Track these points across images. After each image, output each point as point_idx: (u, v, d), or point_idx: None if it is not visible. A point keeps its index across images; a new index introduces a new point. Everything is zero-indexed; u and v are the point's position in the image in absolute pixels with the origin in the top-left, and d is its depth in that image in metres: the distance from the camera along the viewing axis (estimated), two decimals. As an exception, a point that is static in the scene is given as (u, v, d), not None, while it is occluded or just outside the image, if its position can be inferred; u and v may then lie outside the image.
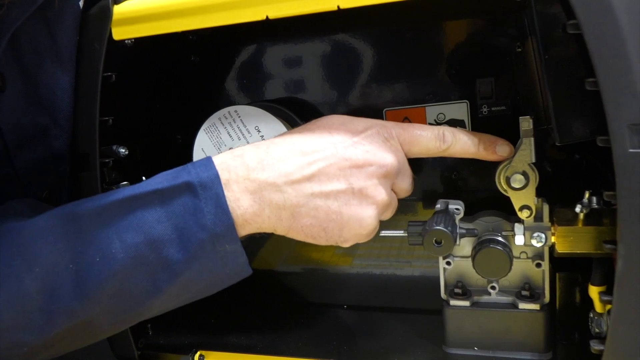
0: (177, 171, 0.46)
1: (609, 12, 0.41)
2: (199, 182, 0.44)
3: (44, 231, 0.44)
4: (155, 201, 0.44)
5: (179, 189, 0.44)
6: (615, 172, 0.42)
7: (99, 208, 0.45)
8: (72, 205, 0.46)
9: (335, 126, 0.48)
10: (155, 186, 0.45)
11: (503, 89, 0.58)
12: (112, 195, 0.45)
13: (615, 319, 0.45)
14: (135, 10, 0.53)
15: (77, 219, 0.44)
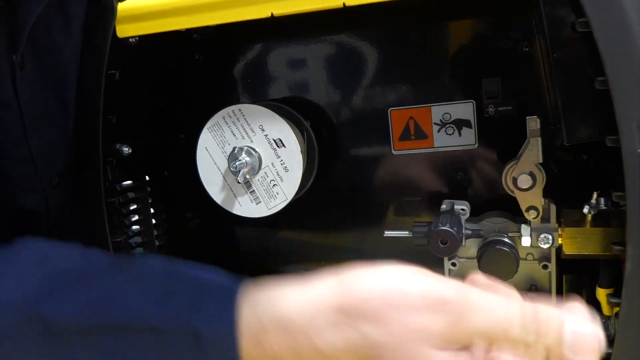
0: (191, 301, 0.37)
1: (619, 9, 0.41)
2: (206, 335, 0.36)
3: (13, 334, 0.37)
4: (148, 342, 0.37)
5: (180, 335, 0.36)
6: (625, 173, 0.42)
7: (81, 326, 0.37)
8: (47, 303, 0.38)
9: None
10: (152, 321, 0.37)
11: (510, 89, 0.57)
12: (99, 308, 0.38)
13: (624, 321, 0.44)
14: (139, 7, 0.53)
15: (52, 330, 0.37)
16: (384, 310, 0.34)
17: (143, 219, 0.67)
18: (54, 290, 0.38)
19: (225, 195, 0.59)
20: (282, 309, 0.36)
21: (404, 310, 0.34)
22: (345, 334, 0.34)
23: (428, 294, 0.34)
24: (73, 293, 0.38)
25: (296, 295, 0.37)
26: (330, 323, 0.35)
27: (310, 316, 0.35)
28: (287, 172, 0.57)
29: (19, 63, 0.51)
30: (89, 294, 0.38)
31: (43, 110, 0.55)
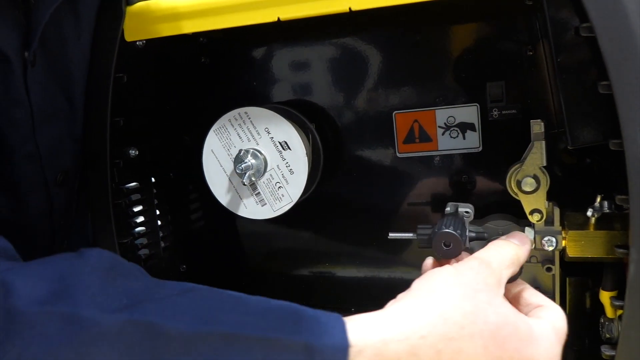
0: (301, 319, 0.37)
1: (622, 14, 0.41)
2: (320, 349, 0.35)
3: (113, 337, 0.35)
4: (258, 352, 0.36)
5: (291, 348, 0.36)
6: (628, 176, 0.42)
7: (187, 335, 0.35)
8: (157, 312, 0.37)
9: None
10: (264, 330, 0.36)
11: (514, 93, 0.58)
12: (206, 320, 0.37)
13: (627, 324, 0.44)
14: (147, 11, 0.53)
15: (157, 337, 0.35)
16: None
17: (149, 220, 0.68)
18: (152, 299, 0.38)
19: (231, 198, 0.59)
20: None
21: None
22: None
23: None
24: (174, 303, 0.38)
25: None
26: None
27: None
28: (292, 174, 0.57)
29: (31, 60, 0.52)
30: (192, 309, 0.37)
31: (51, 107, 0.56)
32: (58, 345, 0.34)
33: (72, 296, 0.36)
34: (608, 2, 0.41)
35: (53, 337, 0.34)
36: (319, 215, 0.67)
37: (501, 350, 0.39)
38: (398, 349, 0.37)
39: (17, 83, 0.51)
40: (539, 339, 0.41)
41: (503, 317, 0.41)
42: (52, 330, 0.34)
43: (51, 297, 0.35)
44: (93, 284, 0.37)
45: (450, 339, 0.39)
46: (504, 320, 0.41)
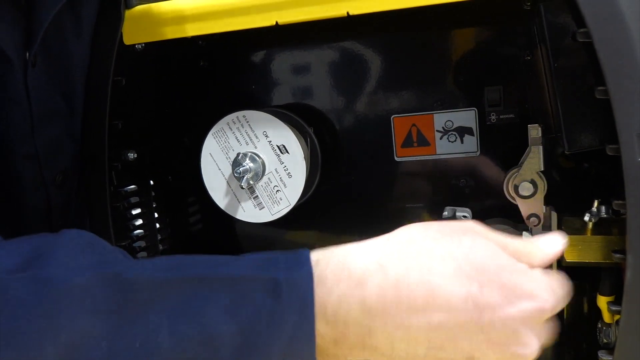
0: (266, 259, 0.38)
1: (619, 20, 0.41)
2: (286, 279, 0.36)
3: (81, 292, 0.35)
4: (224, 291, 0.36)
5: (256, 282, 0.36)
6: (625, 182, 0.42)
7: (154, 281, 0.36)
8: (122, 265, 0.38)
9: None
10: (228, 272, 0.37)
11: (512, 97, 0.58)
12: (172, 268, 0.38)
13: (624, 329, 0.44)
14: (145, 15, 0.53)
15: (124, 287, 0.36)
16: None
17: (147, 223, 0.68)
18: (120, 261, 0.39)
19: (229, 201, 0.59)
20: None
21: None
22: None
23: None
24: (142, 261, 0.39)
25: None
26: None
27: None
28: (290, 178, 0.57)
29: (32, 60, 0.52)
30: (158, 261, 0.39)
31: (50, 108, 0.56)
32: (28, 307, 0.34)
33: (42, 262, 0.37)
34: (605, 8, 0.41)
35: (24, 299, 0.34)
36: (317, 219, 0.67)
37: (478, 272, 0.37)
38: (364, 259, 0.38)
39: (17, 83, 0.51)
40: (528, 273, 0.39)
41: (482, 244, 0.39)
42: (23, 293, 0.35)
43: (24, 265, 0.36)
44: (65, 252, 0.38)
45: (418, 255, 0.37)
46: (482, 246, 0.39)
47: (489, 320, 0.36)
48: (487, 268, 0.37)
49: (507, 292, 0.37)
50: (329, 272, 0.37)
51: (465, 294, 0.36)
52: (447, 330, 0.36)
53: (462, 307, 0.36)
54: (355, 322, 0.36)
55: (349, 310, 0.36)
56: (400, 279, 0.36)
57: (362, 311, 0.36)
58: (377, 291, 0.36)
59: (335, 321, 0.36)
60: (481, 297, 0.36)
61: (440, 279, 0.37)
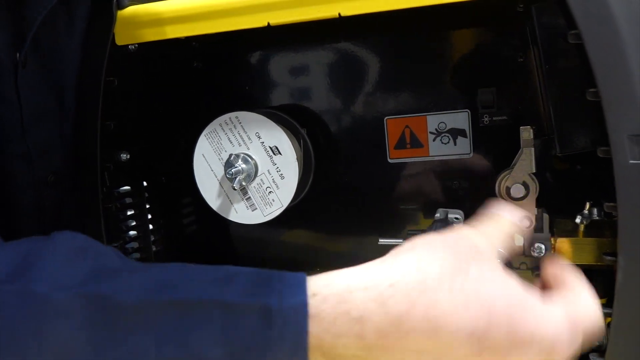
0: (259, 281, 0.36)
1: (610, 22, 0.41)
2: (279, 309, 0.34)
3: (66, 312, 0.35)
4: (215, 316, 0.35)
5: (248, 310, 0.35)
6: (616, 184, 0.42)
7: (142, 304, 0.35)
8: (110, 283, 0.36)
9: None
10: (221, 295, 0.35)
11: (505, 99, 0.58)
12: (162, 288, 0.36)
13: (615, 331, 0.44)
14: (138, 16, 0.53)
15: (111, 309, 0.35)
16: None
17: (140, 224, 0.68)
18: (109, 275, 0.37)
19: (222, 202, 0.59)
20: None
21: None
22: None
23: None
24: (130, 277, 0.37)
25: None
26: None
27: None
28: (282, 179, 0.57)
29: (22, 61, 0.52)
30: (148, 277, 0.37)
31: (41, 109, 0.56)
32: (16, 321, 0.34)
33: (29, 273, 0.36)
34: (596, 9, 0.41)
35: (11, 313, 0.34)
36: (311, 220, 0.67)
37: (486, 309, 0.34)
38: (365, 297, 0.35)
39: (7, 83, 0.51)
40: (541, 311, 0.36)
41: (490, 276, 0.36)
42: (10, 307, 0.34)
43: (11, 276, 0.36)
44: (53, 262, 0.37)
45: (424, 289, 0.35)
46: (491, 277, 0.36)
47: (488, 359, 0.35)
48: (496, 306, 0.35)
49: (514, 336, 0.34)
50: (326, 308, 0.35)
51: (470, 331, 0.34)
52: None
53: (464, 346, 0.34)
54: (352, 355, 0.35)
55: (346, 346, 0.35)
56: (403, 317, 0.34)
57: (361, 348, 0.35)
58: (376, 330, 0.35)
59: (331, 355, 0.35)
60: (485, 337, 0.34)
61: (445, 316, 0.34)
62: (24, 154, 0.55)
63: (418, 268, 0.36)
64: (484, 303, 0.35)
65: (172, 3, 0.53)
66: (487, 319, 0.34)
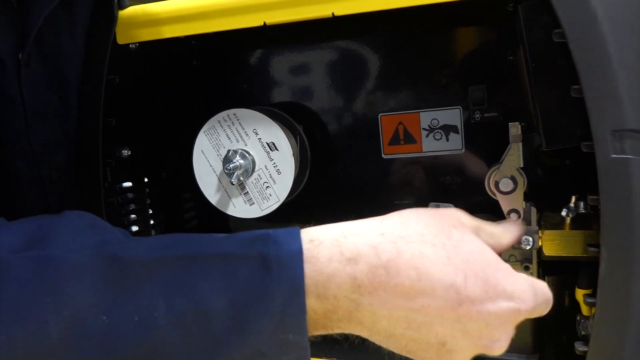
0: (256, 236, 0.39)
1: (593, 21, 0.43)
2: (276, 256, 0.37)
3: (81, 270, 0.37)
4: (216, 267, 0.38)
5: (247, 259, 0.37)
6: (598, 177, 0.44)
7: (150, 260, 0.38)
8: (119, 245, 0.40)
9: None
10: (220, 249, 0.39)
11: (495, 96, 0.59)
12: (167, 247, 0.39)
13: (598, 321, 0.46)
14: (138, 15, 0.55)
15: (121, 266, 0.38)
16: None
17: (141, 218, 0.69)
18: (116, 242, 0.41)
19: (220, 197, 0.61)
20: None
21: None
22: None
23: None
24: (136, 241, 0.40)
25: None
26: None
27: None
28: (279, 174, 0.59)
29: (25, 61, 0.53)
30: (153, 240, 0.41)
31: (45, 107, 0.57)
32: (32, 284, 0.36)
33: (44, 242, 0.39)
34: (579, 10, 0.43)
35: (27, 278, 0.36)
36: (308, 215, 0.68)
37: (465, 264, 0.38)
38: (357, 241, 0.39)
39: (10, 83, 0.53)
40: (511, 274, 0.40)
41: (469, 239, 0.41)
42: (26, 272, 0.37)
43: (26, 245, 0.38)
44: (66, 233, 0.40)
45: (410, 241, 0.39)
46: (470, 241, 0.40)
47: (466, 312, 0.38)
48: (473, 262, 0.39)
49: (489, 288, 0.38)
50: (321, 251, 0.38)
51: (449, 282, 0.38)
52: (426, 315, 0.38)
53: (444, 295, 0.38)
54: (345, 297, 0.38)
55: (339, 286, 0.38)
56: (391, 261, 0.38)
57: (352, 287, 0.38)
58: (367, 270, 0.38)
59: (325, 296, 0.38)
60: (464, 288, 0.38)
61: (429, 264, 0.38)
62: (27, 151, 0.56)
63: (404, 224, 0.40)
64: (463, 259, 0.39)
65: (171, 3, 0.55)
66: (465, 274, 0.38)
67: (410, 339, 0.39)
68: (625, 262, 0.44)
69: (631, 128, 0.43)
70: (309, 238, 0.39)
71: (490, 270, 0.39)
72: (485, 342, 0.39)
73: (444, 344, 0.39)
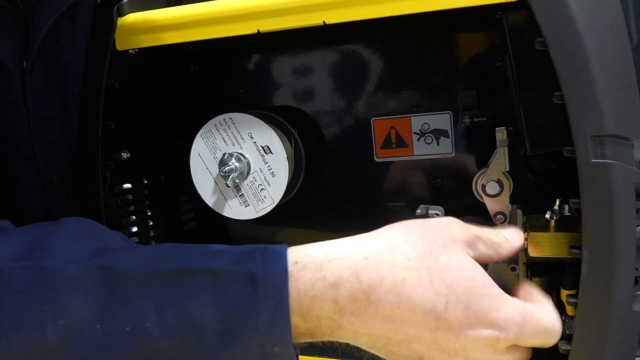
0: (244, 252, 0.41)
1: (574, 31, 0.44)
2: (262, 274, 0.39)
3: (77, 281, 0.39)
4: (207, 282, 0.39)
5: (236, 276, 0.39)
6: (580, 181, 0.45)
7: (143, 272, 0.40)
8: (113, 256, 0.41)
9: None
10: (211, 265, 0.40)
11: (484, 101, 0.60)
12: (160, 260, 0.41)
13: (580, 320, 0.47)
14: (137, 23, 0.57)
15: (115, 277, 0.40)
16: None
17: (140, 220, 0.71)
18: (113, 251, 0.42)
19: (217, 199, 0.62)
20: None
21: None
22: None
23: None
24: (132, 252, 0.42)
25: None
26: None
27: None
28: (274, 177, 0.60)
29: (29, 69, 0.55)
30: (147, 251, 0.42)
31: (48, 113, 0.59)
32: (30, 294, 0.38)
33: (42, 252, 0.40)
34: (560, 19, 0.44)
35: (26, 287, 0.38)
36: (303, 217, 0.70)
37: (448, 290, 0.39)
38: (340, 266, 0.40)
39: (14, 90, 0.54)
40: (499, 300, 0.40)
41: (458, 262, 0.40)
42: (25, 281, 0.39)
43: (25, 254, 0.40)
44: (62, 242, 0.42)
45: (394, 265, 0.39)
46: (458, 265, 0.40)
47: (443, 335, 0.39)
48: (457, 287, 0.39)
49: (470, 314, 0.39)
50: (305, 274, 0.40)
51: (429, 307, 0.39)
52: (405, 335, 0.40)
53: (422, 320, 0.39)
54: (327, 317, 0.40)
55: (322, 308, 0.39)
56: (372, 287, 0.39)
57: (334, 310, 0.39)
58: (348, 295, 0.39)
59: (309, 316, 0.40)
60: (444, 313, 0.39)
61: (410, 290, 0.39)
62: (30, 156, 0.58)
63: (391, 246, 0.41)
64: (446, 284, 0.39)
65: (168, 11, 0.56)
66: (447, 299, 0.39)
67: (390, 352, 0.41)
68: (605, 264, 0.45)
69: (611, 133, 0.44)
70: (294, 260, 0.40)
71: (474, 296, 0.40)
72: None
73: (422, 359, 0.41)
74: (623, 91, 0.45)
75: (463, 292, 0.39)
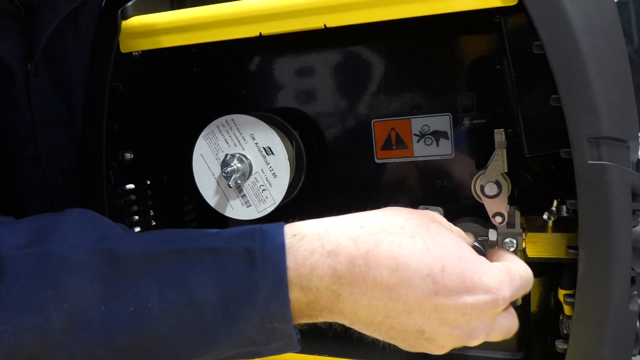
0: (243, 231, 0.42)
1: (570, 34, 0.45)
2: (260, 250, 0.40)
3: (80, 265, 0.40)
4: (206, 261, 0.40)
5: (235, 253, 0.40)
6: (576, 182, 0.46)
7: (144, 255, 0.41)
8: (115, 241, 0.42)
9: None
10: (210, 243, 0.41)
11: (483, 103, 0.61)
12: (161, 242, 0.42)
13: (577, 319, 0.48)
14: (141, 25, 0.57)
15: (117, 260, 0.40)
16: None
17: (143, 220, 0.71)
18: (115, 237, 0.43)
19: (219, 199, 0.63)
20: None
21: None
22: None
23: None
24: (133, 236, 0.43)
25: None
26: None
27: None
28: (275, 178, 0.61)
29: (33, 70, 0.56)
30: (148, 235, 0.43)
31: (52, 114, 0.59)
32: (35, 279, 0.39)
33: (46, 240, 0.41)
34: (557, 23, 0.45)
35: (31, 273, 0.39)
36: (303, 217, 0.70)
37: (444, 255, 0.40)
38: (338, 234, 0.41)
39: (18, 92, 0.55)
40: (487, 265, 0.42)
41: (447, 232, 0.42)
42: (30, 267, 0.40)
43: (30, 242, 0.41)
44: (67, 230, 0.43)
45: (389, 233, 0.40)
46: (448, 235, 0.42)
47: (443, 302, 0.40)
48: (451, 254, 0.41)
49: (466, 279, 0.40)
50: (303, 245, 0.40)
51: (427, 272, 0.40)
52: (404, 304, 0.40)
53: (421, 284, 0.40)
54: (326, 288, 0.40)
55: (321, 278, 0.40)
56: (370, 252, 0.40)
57: (333, 278, 0.40)
58: (347, 262, 0.40)
59: (308, 287, 0.40)
60: (441, 278, 0.40)
61: (407, 255, 0.40)
62: (34, 157, 0.58)
63: (385, 217, 0.43)
64: (441, 251, 0.40)
65: (172, 14, 0.57)
66: (442, 265, 0.40)
67: (390, 327, 0.41)
68: (602, 264, 0.46)
69: (607, 135, 0.45)
70: (292, 232, 0.41)
71: (467, 262, 0.41)
72: (463, 332, 0.41)
73: (423, 332, 0.41)
74: (619, 94, 0.46)
75: (457, 258, 0.41)
